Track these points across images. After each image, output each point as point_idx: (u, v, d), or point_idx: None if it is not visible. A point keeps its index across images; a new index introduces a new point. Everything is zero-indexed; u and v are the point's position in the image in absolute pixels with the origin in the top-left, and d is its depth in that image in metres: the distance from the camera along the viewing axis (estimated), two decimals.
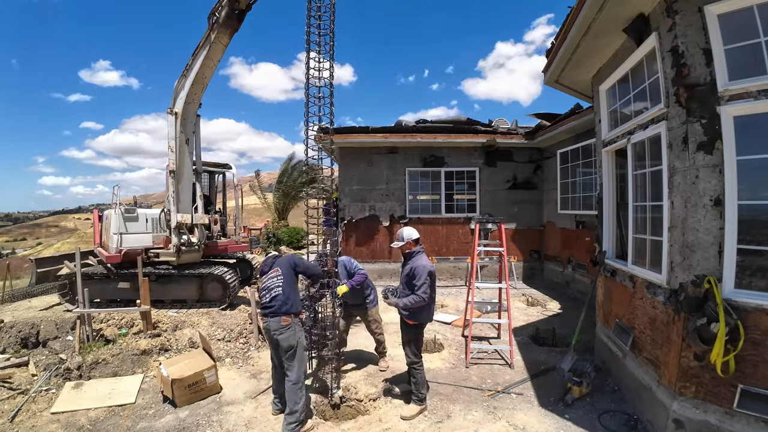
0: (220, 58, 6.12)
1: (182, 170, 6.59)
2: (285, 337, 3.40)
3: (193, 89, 6.22)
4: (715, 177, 2.68)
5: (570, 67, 4.66)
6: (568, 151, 8.14)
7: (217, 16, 5.50)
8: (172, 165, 6.44)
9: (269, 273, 3.65)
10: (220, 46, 5.79)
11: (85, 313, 5.33)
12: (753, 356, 2.54)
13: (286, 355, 3.42)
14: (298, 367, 3.44)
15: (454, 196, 9.68)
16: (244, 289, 8.18)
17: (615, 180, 4.53)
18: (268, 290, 3.55)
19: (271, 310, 3.45)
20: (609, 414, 3.57)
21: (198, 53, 5.90)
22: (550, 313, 6.98)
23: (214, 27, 5.61)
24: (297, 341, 3.44)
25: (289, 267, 3.60)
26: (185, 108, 6.36)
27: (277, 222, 20.39)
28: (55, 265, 9.04)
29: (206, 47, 5.77)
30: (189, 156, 6.75)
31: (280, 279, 3.54)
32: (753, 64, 2.56)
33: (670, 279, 3.06)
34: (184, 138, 6.56)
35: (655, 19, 3.21)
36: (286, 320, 3.41)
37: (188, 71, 6.13)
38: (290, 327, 3.42)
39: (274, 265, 3.69)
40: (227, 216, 9.64)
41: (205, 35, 5.75)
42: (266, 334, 3.59)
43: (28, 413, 3.79)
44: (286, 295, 3.48)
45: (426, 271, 3.60)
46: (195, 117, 6.82)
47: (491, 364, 4.80)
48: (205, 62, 5.88)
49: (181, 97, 6.28)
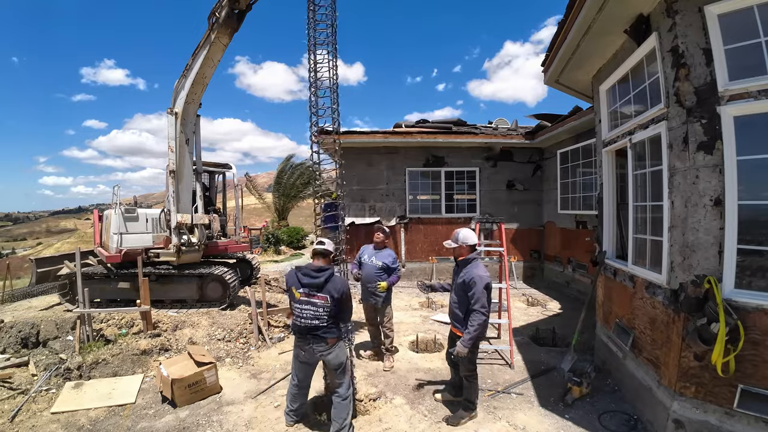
0: (221, 58, 6.11)
1: (182, 170, 6.58)
2: (335, 355, 3.26)
3: (193, 89, 6.21)
4: (715, 177, 2.68)
5: (570, 67, 4.66)
6: (569, 151, 8.14)
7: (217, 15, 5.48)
8: (172, 165, 6.43)
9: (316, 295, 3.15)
10: (221, 45, 5.77)
11: (85, 313, 5.33)
12: (753, 356, 2.54)
13: (335, 372, 3.30)
14: (348, 382, 3.34)
15: (455, 196, 9.68)
16: (244, 289, 8.18)
17: (615, 180, 4.53)
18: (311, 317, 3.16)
19: (316, 334, 3.18)
20: (609, 414, 3.57)
21: (198, 53, 5.88)
22: (550, 313, 6.98)
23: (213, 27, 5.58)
24: (346, 356, 3.35)
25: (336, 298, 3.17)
26: (185, 108, 6.35)
27: (276, 222, 20.41)
28: (55, 265, 9.05)
29: (206, 47, 5.75)
30: (189, 156, 6.75)
31: (327, 308, 3.14)
32: (753, 64, 2.56)
33: (670, 279, 3.06)
34: (184, 138, 6.54)
35: (655, 19, 3.21)
36: (333, 340, 3.23)
37: (188, 71, 6.11)
38: (336, 346, 3.26)
39: (324, 289, 3.15)
40: (227, 216, 9.63)
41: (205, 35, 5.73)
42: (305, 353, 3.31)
43: (28, 413, 3.79)
44: (333, 320, 3.19)
45: (483, 283, 3.24)
46: (195, 117, 6.81)
47: (491, 364, 4.79)
48: (205, 62, 5.86)
49: (181, 97, 6.27)
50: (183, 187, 6.66)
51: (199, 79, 6.10)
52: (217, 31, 5.56)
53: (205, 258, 7.68)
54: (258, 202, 22.97)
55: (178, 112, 6.32)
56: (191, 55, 6.04)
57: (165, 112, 6.45)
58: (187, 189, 6.74)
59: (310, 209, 4.30)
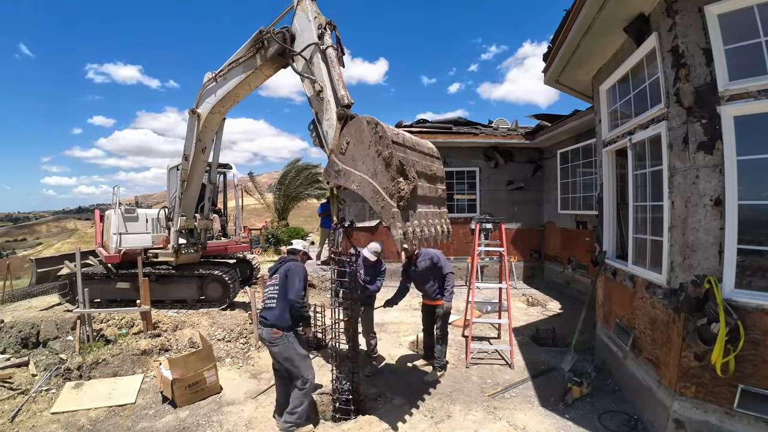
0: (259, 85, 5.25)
1: (193, 178, 6.28)
2: (278, 350, 3.37)
3: (222, 102, 5.45)
4: (715, 177, 2.68)
5: (570, 67, 4.66)
6: (569, 151, 8.14)
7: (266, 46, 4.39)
8: (184, 175, 6.15)
9: (271, 278, 3.57)
10: (262, 76, 4.84)
11: (85, 313, 5.34)
12: (753, 356, 2.54)
13: (284, 366, 3.41)
14: (305, 373, 3.39)
15: (455, 196, 9.67)
16: (244, 289, 8.18)
17: (615, 180, 4.53)
18: (266, 297, 3.51)
19: (265, 322, 3.41)
20: (609, 414, 3.57)
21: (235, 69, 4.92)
22: (550, 313, 6.98)
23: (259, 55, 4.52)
24: (294, 353, 3.38)
25: (282, 276, 3.49)
26: (209, 117, 5.68)
27: (277, 222, 20.41)
28: (56, 265, 9.04)
29: (246, 71, 4.77)
30: (203, 163, 6.33)
31: (276, 289, 3.45)
32: (753, 64, 2.55)
33: (670, 279, 3.06)
34: (201, 146, 6.00)
35: (656, 19, 3.21)
36: (276, 333, 3.34)
37: (222, 79, 5.18)
38: (282, 339, 3.34)
39: (279, 270, 3.56)
40: (227, 216, 9.62)
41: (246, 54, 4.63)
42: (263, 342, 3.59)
43: (28, 413, 3.79)
44: (281, 309, 3.38)
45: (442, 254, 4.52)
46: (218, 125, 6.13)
47: (491, 364, 4.79)
48: (241, 85, 5.00)
49: (208, 101, 5.53)
50: (190, 194, 6.49)
51: (231, 96, 5.31)
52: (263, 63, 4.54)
53: (205, 258, 7.68)
54: (258, 202, 22.98)
55: (200, 114, 5.67)
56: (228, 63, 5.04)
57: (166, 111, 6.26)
58: (193, 195, 6.55)
59: (310, 209, 4.31)
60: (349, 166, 3.19)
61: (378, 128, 2.95)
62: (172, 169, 7.97)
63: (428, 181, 3.45)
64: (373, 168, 3.00)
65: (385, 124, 3.03)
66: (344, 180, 3.22)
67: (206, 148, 6.15)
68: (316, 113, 3.77)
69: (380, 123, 2.97)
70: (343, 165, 3.23)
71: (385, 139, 2.91)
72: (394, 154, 2.90)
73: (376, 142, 2.96)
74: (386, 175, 2.91)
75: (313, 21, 3.79)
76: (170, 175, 7.97)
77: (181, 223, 6.42)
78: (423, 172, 3.35)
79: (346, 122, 3.38)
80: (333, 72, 3.64)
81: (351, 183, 3.16)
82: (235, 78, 4.99)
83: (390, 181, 2.90)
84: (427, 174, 3.44)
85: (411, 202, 3.03)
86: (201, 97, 5.60)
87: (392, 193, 2.89)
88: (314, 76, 3.76)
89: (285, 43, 3.96)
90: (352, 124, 3.18)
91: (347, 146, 3.21)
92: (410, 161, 3.13)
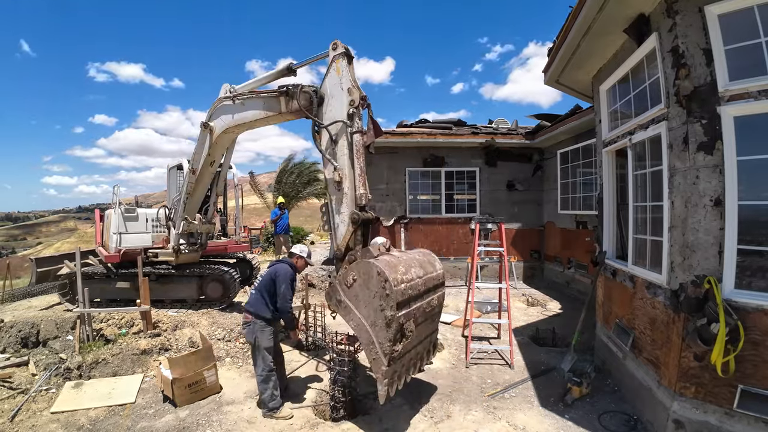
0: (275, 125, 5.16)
1: (198, 187, 6.19)
2: (245, 333, 3.82)
3: (238, 127, 5.21)
4: (715, 177, 2.68)
5: (570, 67, 4.66)
6: (569, 151, 8.14)
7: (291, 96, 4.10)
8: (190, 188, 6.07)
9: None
10: (282, 119, 4.61)
11: (85, 313, 5.34)
12: (753, 356, 2.54)
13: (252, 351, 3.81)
14: (260, 363, 3.70)
15: (455, 196, 9.68)
16: (244, 289, 8.18)
17: (615, 180, 4.53)
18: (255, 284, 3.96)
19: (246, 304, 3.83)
20: (609, 414, 3.57)
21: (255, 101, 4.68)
22: (550, 313, 6.98)
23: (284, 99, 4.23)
24: (254, 339, 3.71)
25: (269, 275, 3.82)
26: (222, 135, 5.38)
27: None
28: (55, 264, 9.04)
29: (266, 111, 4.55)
30: (210, 176, 6.20)
31: (257, 281, 3.91)
32: (753, 64, 2.56)
33: (670, 279, 3.06)
34: (210, 160, 5.77)
35: (656, 19, 3.21)
36: (247, 317, 3.75)
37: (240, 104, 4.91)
38: (249, 324, 3.73)
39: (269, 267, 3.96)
40: (227, 215, 9.63)
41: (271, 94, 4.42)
42: None
43: (28, 413, 3.79)
44: (255, 296, 3.77)
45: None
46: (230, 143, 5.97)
47: (491, 364, 4.79)
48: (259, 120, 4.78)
49: (223, 120, 5.20)
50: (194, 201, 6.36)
51: (248, 125, 5.06)
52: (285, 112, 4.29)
53: (205, 258, 7.68)
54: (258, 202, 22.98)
55: (213, 128, 5.33)
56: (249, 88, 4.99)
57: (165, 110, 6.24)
58: (197, 202, 6.46)
59: (310, 209, 4.31)
60: (351, 302, 3.20)
61: (386, 285, 2.93)
62: (172, 169, 7.98)
63: (425, 313, 3.45)
64: (374, 317, 3.02)
65: (393, 277, 2.95)
66: (344, 313, 3.26)
67: (215, 162, 5.96)
68: (331, 197, 3.74)
69: (389, 279, 2.92)
70: (346, 299, 3.25)
71: (391, 299, 2.90)
72: (396, 318, 2.92)
73: (381, 297, 2.95)
74: (384, 334, 2.94)
75: (346, 92, 3.55)
76: (170, 175, 7.98)
77: (183, 228, 6.39)
78: (422, 309, 3.37)
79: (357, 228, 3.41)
80: (356, 164, 3.48)
81: (350, 320, 3.20)
82: (253, 110, 4.73)
83: (387, 341, 2.95)
84: (425, 311, 3.44)
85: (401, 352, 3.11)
86: (215, 112, 5.26)
87: (386, 352, 2.95)
88: (336, 161, 3.58)
89: (311, 105, 3.79)
90: (363, 266, 3.14)
91: (353, 282, 3.18)
92: (412, 315, 3.16)
